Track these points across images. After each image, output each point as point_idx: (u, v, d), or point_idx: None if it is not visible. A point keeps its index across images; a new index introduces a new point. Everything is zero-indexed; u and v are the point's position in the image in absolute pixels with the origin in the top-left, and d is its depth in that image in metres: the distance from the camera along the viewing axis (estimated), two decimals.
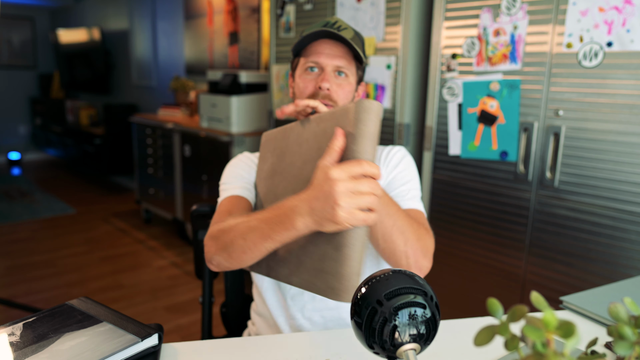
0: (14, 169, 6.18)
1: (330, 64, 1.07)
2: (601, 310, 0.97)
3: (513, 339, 0.39)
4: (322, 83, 1.06)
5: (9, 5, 6.39)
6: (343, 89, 1.08)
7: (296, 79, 1.13)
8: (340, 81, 1.09)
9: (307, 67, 1.09)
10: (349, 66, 1.09)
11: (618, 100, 1.54)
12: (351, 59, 1.10)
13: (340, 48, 1.08)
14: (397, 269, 0.58)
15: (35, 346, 0.74)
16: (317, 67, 1.09)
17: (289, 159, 0.95)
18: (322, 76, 1.07)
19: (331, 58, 1.07)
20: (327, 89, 1.06)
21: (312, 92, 1.08)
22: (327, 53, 1.08)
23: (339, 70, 1.08)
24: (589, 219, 1.64)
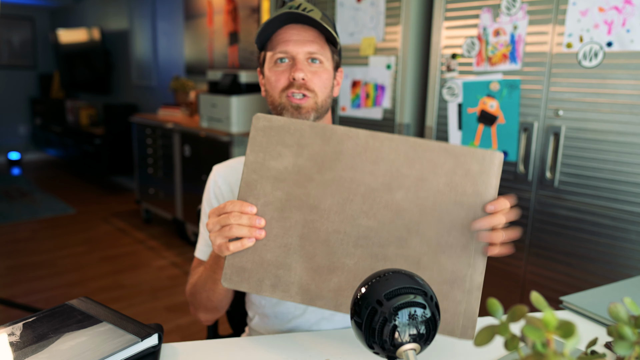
0: (14, 169, 6.18)
1: (301, 51, 0.97)
2: (601, 310, 0.97)
3: (513, 339, 0.39)
4: (296, 73, 0.96)
5: (9, 5, 6.39)
6: (319, 77, 0.99)
7: (266, 74, 1.01)
8: (315, 68, 0.98)
9: (276, 58, 0.98)
10: (322, 51, 0.99)
11: (618, 100, 1.54)
12: (324, 43, 0.99)
13: (310, 32, 0.98)
14: (397, 269, 0.58)
15: (35, 346, 0.74)
16: (287, 57, 0.98)
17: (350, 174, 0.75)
18: (294, 66, 0.97)
19: (301, 44, 0.97)
20: (302, 79, 0.96)
21: (286, 85, 0.98)
22: (295, 40, 0.97)
23: (312, 57, 0.98)
24: (589, 219, 1.64)
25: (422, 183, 0.74)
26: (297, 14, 0.95)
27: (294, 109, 0.98)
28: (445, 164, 0.74)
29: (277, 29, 0.99)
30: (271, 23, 0.97)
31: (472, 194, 0.74)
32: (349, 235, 0.75)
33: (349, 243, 0.75)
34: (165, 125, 3.66)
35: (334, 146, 0.75)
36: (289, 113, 0.98)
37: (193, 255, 1.12)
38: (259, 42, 1.02)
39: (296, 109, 0.98)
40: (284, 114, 0.99)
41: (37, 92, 6.84)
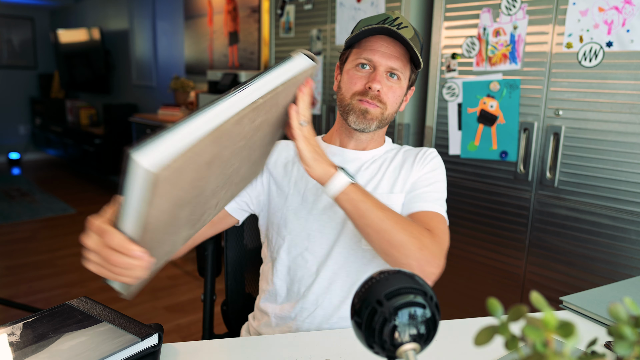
0: (14, 169, 6.18)
1: (384, 64, 1.00)
2: (601, 310, 0.97)
3: (513, 339, 0.39)
4: (373, 84, 0.99)
5: (9, 5, 6.39)
6: (394, 92, 1.02)
7: (344, 73, 1.06)
8: (392, 83, 1.02)
9: (358, 63, 1.02)
10: (403, 69, 1.02)
11: (618, 100, 1.54)
12: (407, 61, 1.02)
13: (397, 48, 1.00)
14: (397, 269, 0.58)
15: (35, 346, 0.74)
16: (369, 65, 1.01)
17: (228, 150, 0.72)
18: (373, 75, 1.00)
19: (386, 57, 1.00)
20: (377, 91, 1.00)
21: (360, 90, 1.01)
22: (382, 51, 1.00)
23: (392, 72, 1.01)
24: (589, 219, 1.64)
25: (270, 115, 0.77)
26: (392, 31, 0.97)
27: (361, 112, 1.02)
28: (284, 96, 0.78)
29: (369, 35, 1.02)
30: (367, 31, 0.99)
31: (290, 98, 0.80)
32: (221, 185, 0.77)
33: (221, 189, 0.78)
34: (165, 125, 3.66)
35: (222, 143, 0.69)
36: (355, 115, 1.02)
37: (193, 255, 1.12)
38: (348, 42, 1.04)
39: (363, 112, 1.02)
40: (349, 115, 1.03)
41: (37, 92, 6.84)
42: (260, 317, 1.13)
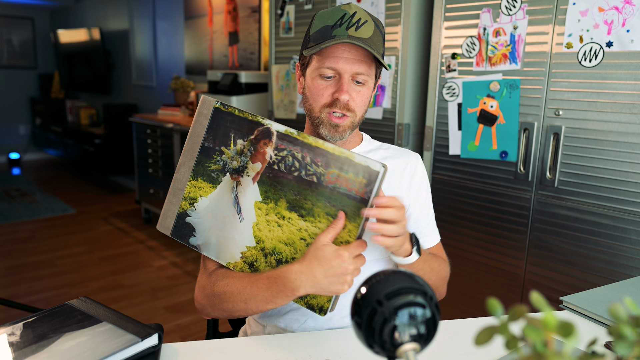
0: (14, 169, 6.18)
1: (349, 70, 0.97)
2: (601, 310, 0.97)
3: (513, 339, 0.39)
4: (341, 95, 0.97)
5: (9, 5, 6.39)
6: (362, 97, 1.01)
7: (308, 81, 1.03)
8: (359, 88, 1.00)
9: (322, 72, 0.99)
10: (369, 71, 0.99)
11: (618, 100, 1.54)
12: (371, 61, 1.00)
13: (360, 50, 0.97)
14: (397, 270, 0.58)
15: (35, 346, 0.74)
16: (333, 73, 0.98)
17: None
18: (340, 86, 0.98)
19: (350, 63, 0.97)
20: (346, 101, 0.98)
21: (328, 103, 0.99)
22: (345, 57, 0.97)
23: (358, 78, 0.99)
24: (589, 219, 1.64)
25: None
26: (356, 38, 0.95)
27: (332, 127, 1.01)
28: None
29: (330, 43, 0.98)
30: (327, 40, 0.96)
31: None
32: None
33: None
34: (165, 125, 3.66)
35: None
36: (326, 129, 1.01)
37: (193, 255, 1.11)
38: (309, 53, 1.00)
39: (334, 127, 1.01)
40: (321, 128, 1.02)
41: (37, 92, 6.84)
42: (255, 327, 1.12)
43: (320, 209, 0.87)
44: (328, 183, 0.86)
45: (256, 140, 0.91)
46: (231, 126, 0.92)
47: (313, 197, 0.88)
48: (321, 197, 0.87)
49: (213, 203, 0.94)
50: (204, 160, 0.94)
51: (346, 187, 0.85)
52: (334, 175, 0.86)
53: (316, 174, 0.87)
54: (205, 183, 0.95)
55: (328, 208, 0.87)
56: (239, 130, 0.92)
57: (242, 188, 0.92)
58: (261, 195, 0.91)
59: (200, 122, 0.94)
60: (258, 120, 0.91)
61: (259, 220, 0.91)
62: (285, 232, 0.90)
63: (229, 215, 0.93)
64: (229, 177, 0.93)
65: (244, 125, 0.92)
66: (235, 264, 0.94)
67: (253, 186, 0.92)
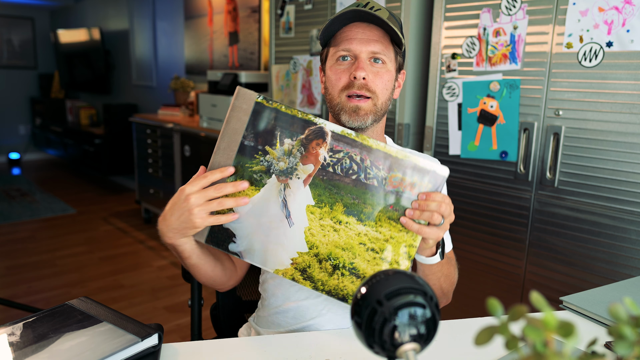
0: (14, 169, 6.18)
1: (364, 50, 0.95)
2: (601, 310, 0.97)
3: (513, 339, 0.39)
4: (357, 72, 0.94)
5: (9, 5, 6.39)
6: (381, 78, 0.97)
7: (327, 72, 1.01)
8: (378, 69, 0.97)
9: (338, 56, 0.97)
10: (386, 51, 0.96)
11: (618, 100, 1.54)
12: (388, 43, 0.97)
13: (375, 31, 0.95)
14: (398, 270, 0.58)
15: (35, 346, 0.74)
16: (349, 56, 0.96)
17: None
18: (355, 64, 0.95)
19: (365, 43, 0.95)
20: (362, 79, 0.95)
21: (346, 84, 0.96)
22: (359, 38, 0.95)
23: (375, 56, 0.96)
24: (589, 219, 1.64)
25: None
26: (364, 12, 0.92)
27: (352, 110, 0.97)
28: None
29: (342, 26, 0.97)
30: (337, 20, 0.94)
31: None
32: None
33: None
34: (165, 125, 3.66)
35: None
36: (347, 115, 0.98)
37: None
38: (323, 39, 0.99)
39: (354, 110, 0.97)
40: (341, 115, 0.98)
41: (37, 92, 6.84)
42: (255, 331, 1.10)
43: (382, 213, 0.83)
44: (391, 187, 0.83)
45: (307, 140, 0.84)
46: (277, 123, 0.84)
47: (374, 201, 0.83)
48: (383, 202, 0.83)
49: (257, 207, 0.86)
50: (244, 160, 0.85)
51: (411, 191, 0.82)
52: (397, 180, 0.82)
53: (377, 177, 0.83)
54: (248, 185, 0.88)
55: (390, 212, 0.83)
56: (286, 129, 0.84)
57: (291, 191, 0.86)
58: (314, 199, 0.85)
59: (238, 117, 0.85)
60: (310, 119, 0.83)
61: (312, 225, 0.86)
62: (343, 237, 0.85)
63: (276, 219, 0.86)
64: (275, 179, 0.85)
65: (292, 123, 0.84)
66: (285, 271, 0.87)
67: (304, 189, 0.85)
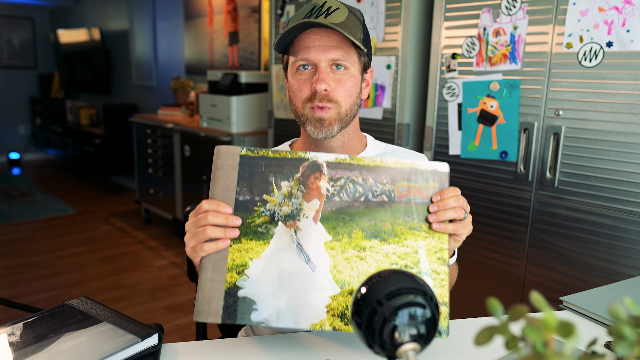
0: (14, 169, 6.18)
1: (323, 59, 0.92)
2: (601, 310, 0.97)
3: (513, 339, 0.39)
4: (318, 85, 0.92)
5: (9, 5, 6.39)
6: (344, 85, 0.95)
7: (289, 81, 0.98)
8: (340, 75, 0.94)
9: (297, 65, 0.94)
10: (347, 56, 0.93)
11: (618, 100, 1.54)
12: (349, 47, 0.94)
13: (333, 36, 0.92)
14: (397, 270, 0.58)
15: (35, 346, 0.74)
16: (309, 64, 0.94)
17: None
18: (316, 76, 0.93)
19: (323, 51, 0.92)
20: (324, 90, 0.93)
21: (309, 96, 0.94)
22: (317, 45, 0.92)
23: (336, 63, 0.93)
24: (589, 219, 1.64)
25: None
26: (316, 23, 0.89)
27: (317, 121, 0.96)
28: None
29: (299, 32, 0.94)
30: (291, 30, 0.91)
31: None
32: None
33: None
34: (165, 125, 3.66)
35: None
36: (312, 126, 0.96)
37: None
38: (280, 48, 0.96)
39: (319, 121, 0.95)
40: (307, 126, 0.97)
41: (37, 92, 6.84)
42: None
43: (402, 225, 0.81)
44: (400, 198, 0.82)
45: (304, 177, 0.82)
46: (268, 170, 0.82)
47: (389, 216, 0.82)
48: (398, 214, 0.82)
49: (271, 261, 0.80)
50: (244, 216, 0.81)
51: (421, 196, 0.82)
52: (404, 189, 0.82)
53: (385, 192, 0.82)
54: (254, 242, 0.81)
55: (410, 222, 0.82)
56: (279, 172, 0.82)
57: (303, 233, 0.81)
58: (330, 234, 0.81)
59: (226, 175, 0.82)
60: (300, 157, 0.82)
61: (336, 262, 0.80)
62: (372, 264, 0.80)
63: (296, 268, 0.80)
64: (282, 226, 0.81)
65: (283, 165, 0.82)
66: (322, 323, 0.79)
67: (316, 227, 0.81)
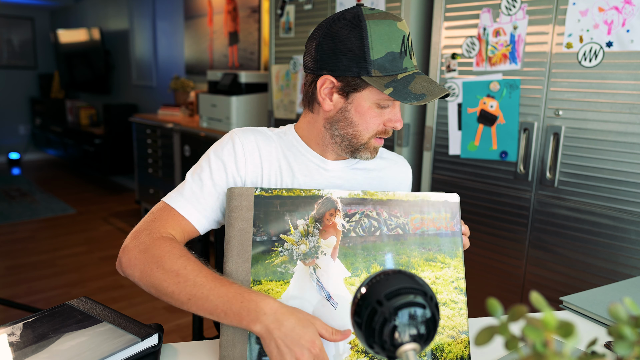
0: (14, 169, 6.18)
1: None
2: (601, 310, 0.97)
3: (513, 339, 0.39)
4: (397, 124, 0.95)
5: (9, 5, 6.39)
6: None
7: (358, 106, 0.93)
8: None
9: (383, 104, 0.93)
10: None
11: (618, 100, 1.54)
12: None
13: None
14: (397, 270, 0.58)
15: (35, 346, 0.74)
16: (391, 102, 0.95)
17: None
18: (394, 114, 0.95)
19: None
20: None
21: (381, 131, 0.95)
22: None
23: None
24: (589, 219, 1.64)
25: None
26: (422, 75, 0.93)
27: (374, 150, 0.98)
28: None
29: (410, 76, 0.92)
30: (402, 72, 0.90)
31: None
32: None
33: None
34: (165, 125, 3.66)
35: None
36: (369, 153, 0.97)
37: None
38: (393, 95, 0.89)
39: (375, 150, 0.98)
40: (362, 151, 0.96)
41: (37, 92, 6.84)
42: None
43: (418, 257, 0.83)
44: (415, 230, 0.83)
45: (319, 214, 0.82)
46: (283, 209, 0.82)
47: (405, 249, 0.83)
48: (414, 246, 0.83)
49: (293, 301, 0.79)
50: (262, 257, 0.80)
51: (434, 227, 0.83)
52: (417, 221, 0.83)
53: (399, 225, 0.83)
54: (274, 282, 0.80)
55: (425, 254, 0.83)
56: (295, 211, 0.82)
57: (322, 270, 0.81)
58: (348, 269, 0.81)
59: (242, 217, 0.81)
60: (314, 194, 0.83)
61: None
62: None
63: (318, 306, 0.80)
64: (301, 265, 0.81)
65: (298, 203, 0.82)
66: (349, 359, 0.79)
67: (335, 263, 0.81)
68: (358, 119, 0.93)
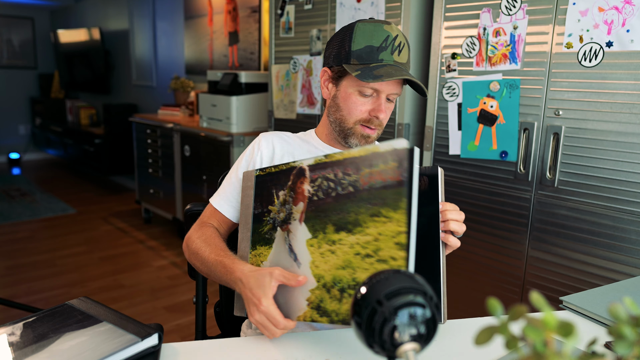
0: (14, 169, 6.18)
1: (387, 91, 1.04)
2: (601, 310, 0.97)
3: (513, 339, 0.39)
4: (379, 114, 1.04)
5: (9, 5, 6.39)
6: (390, 112, 1.09)
7: (342, 93, 1.07)
8: (389, 105, 1.08)
9: (364, 90, 1.04)
10: (400, 90, 1.07)
11: (618, 100, 1.54)
12: (403, 81, 1.08)
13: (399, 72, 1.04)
14: (397, 270, 0.58)
15: (35, 346, 0.74)
16: (372, 93, 1.04)
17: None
18: (377, 104, 1.05)
19: (390, 85, 1.04)
20: (382, 119, 1.06)
21: (365, 119, 1.06)
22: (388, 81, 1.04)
23: (390, 97, 1.06)
24: (589, 219, 1.64)
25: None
26: (399, 65, 1.02)
27: (363, 137, 1.08)
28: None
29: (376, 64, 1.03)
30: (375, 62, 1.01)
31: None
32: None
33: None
34: (165, 125, 3.66)
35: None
36: (357, 139, 1.08)
37: None
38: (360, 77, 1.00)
39: (365, 137, 1.08)
40: (350, 138, 1.08)
41: (37, 92, 6.84)
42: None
43: (364, 214, 0.82)
44: (364, 185, 0.83)
45: (293, 184, 0.91)
46: (271, 184, 0.95)
47: (354, 206, 0.83)
48: (362, 203, 0.83)
49: (272, 263, 0.93)
50: (257, 227, 0.96)
51: (381, 179, 0.81)
52: (366, 176, 0.83)
53: (351, 183, 0.84)
54: (263, 247, 0.95)
55: (371, 209, 0.82)
56: (278, 184, 0.93)
57: (292, 234, 0.90)
58: (309, 232, 0.88)
59: (247, 195, 0.99)
60: (290, 166, 0.92)
61: (314, 257, 0.86)
62: (340, 256, 0.84)
63: (288, 267, 0.90)
64: (279, 231, 0.93)
65: (280, 177, 0.93)
66: (305, 315, 0.87)
67: (301, 227, 0.89)
68: (343, 104, 1.07)
